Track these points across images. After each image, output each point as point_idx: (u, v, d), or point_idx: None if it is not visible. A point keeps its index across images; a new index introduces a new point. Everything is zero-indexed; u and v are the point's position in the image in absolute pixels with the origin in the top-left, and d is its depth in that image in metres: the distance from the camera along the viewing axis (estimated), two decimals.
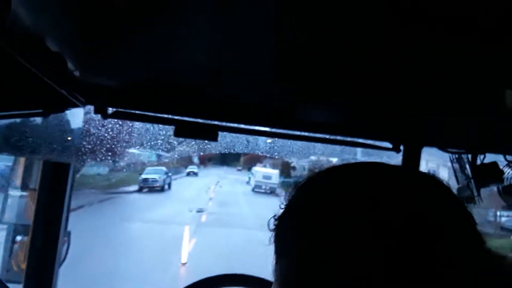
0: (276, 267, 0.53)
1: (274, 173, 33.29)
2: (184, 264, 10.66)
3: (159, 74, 1.11)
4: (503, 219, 19.24)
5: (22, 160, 1.58)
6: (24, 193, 1.59)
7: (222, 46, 0.88)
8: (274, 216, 0.56)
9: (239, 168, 56.55)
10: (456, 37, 0.71)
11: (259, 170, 34.82)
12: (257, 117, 1.44)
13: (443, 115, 1.29)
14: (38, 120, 1.22)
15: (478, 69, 0.86)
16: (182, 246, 12.22)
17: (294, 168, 36.89)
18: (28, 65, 0.84)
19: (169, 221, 16.57)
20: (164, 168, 26.69)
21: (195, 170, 41.13)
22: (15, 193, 1.61)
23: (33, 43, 0.85)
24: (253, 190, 31.74)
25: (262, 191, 30.76)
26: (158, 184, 25.43)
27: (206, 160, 52.04)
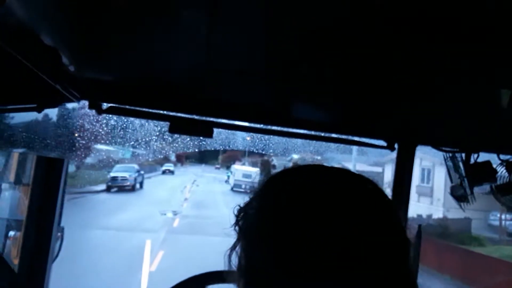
0: (242, 254, 0.60)
1: (254, 171, 31.79)
2: None
3: (154, 70, 1.11)
4: (508, 223, 17.67)
5: (15, 155, 1.57)
6: (17, 188, 1.58)
7: (218, 44, 0.88)
8: (240, 204, 0.63)
9: (218, 166, 56.31)
10: (451, 38, 0.72)
11: (239, 168, 33.40)
12: (252, 115, 1.44)
13: (437, 114, 1.30)
14: (32, 115, 1.21)
15: (473, 69, 0.87)
16: (143, 266, 9.80)
17: (274, 166, 36.14)
18: (22, 59, 0.83)
19: (135, 227, 14.11)
20: (135, 166, 24.55)
21: (171, 168, 39.71)
22: (8, 188, 1.60)
23: (27, 37, 0.85)
24: (232, 189, 30.37)
25: (242, 190, 28.85)
26: (128, 183, 23.25)
27: (184, 158, 50.77)
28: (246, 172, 31.63)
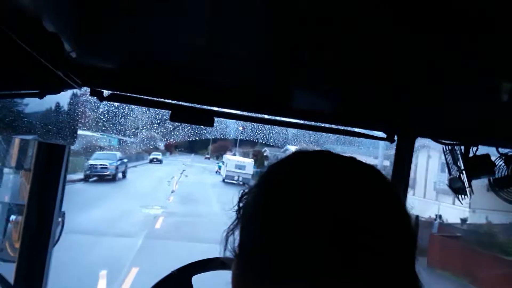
0: (239, 236, 0.59)
1: (248, 162, 29.76)
2: None
3: (156, 57, 1.11)
4: None
5: (17, 140, 1.58)
6: (19, 173, 1.60)
7: (219, 30, 0.88)
8: (243, 191, 0.62)
9: (207, 156, 55.43)
10: (451, 30, 0.72)
11: (232, 158, 31.01)
12: (252, 104, 1.44)
13: (437, 106, 1.30)
14: (34, 101, 1.22)
15: (473, 62, 0.87)
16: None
17: (267, 157, 33.85)
18: (24, 45, 0.84)
19: (107, 230, 11.00)
20: (118, 153, 21.97)
21: (159, 157, 37.87)
22: (9, 172, 1.61)
23: (29, 23, 0.85)
24: (223, 181, 28.41)
25: (234, 182, 27.12)
26: (108, 172, 20.93)
27: (173, 147, 48.78)
28: (240, 163, 29.54)
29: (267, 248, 0.54)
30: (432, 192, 18.19)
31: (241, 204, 0.62)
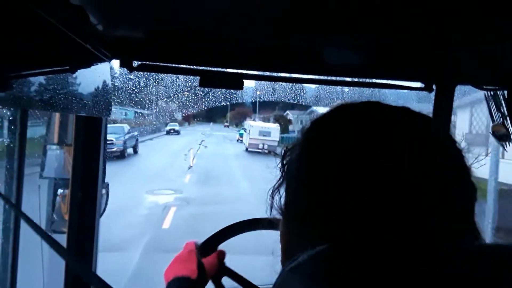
0: (284, 194, 0.58)
1: (274, 127, 27.12)
2: None
3: (183, 24, 1.10)
4: None
5: (56, 116, 1.63)
6: (61, 149, 1.66)
7: None
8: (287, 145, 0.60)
9: (226, 124, 55.67)
10: None
11: (255, 124, 28.38)
12: (282, 64, 1.41)
13: (476, 50, 1.23)
14: (67, 77, 1.24)
15: None
16: None
17: (290, 121, 32.54)
18: (51, 20, 0.84)
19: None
20: (125, 126, 19.62)
21: (176, 128, 36.69)
22: (53, 148, 1.68)
23: None
24: (246, 150, 26.34)
25: (259, 150, 25.18)
26: (115, 148, 18.19)
27: (191, 117, 48.11)
28: (264, 128, 26.84)
29: (312, 208, 0.51)
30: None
31: (285, 161, 0.60)
